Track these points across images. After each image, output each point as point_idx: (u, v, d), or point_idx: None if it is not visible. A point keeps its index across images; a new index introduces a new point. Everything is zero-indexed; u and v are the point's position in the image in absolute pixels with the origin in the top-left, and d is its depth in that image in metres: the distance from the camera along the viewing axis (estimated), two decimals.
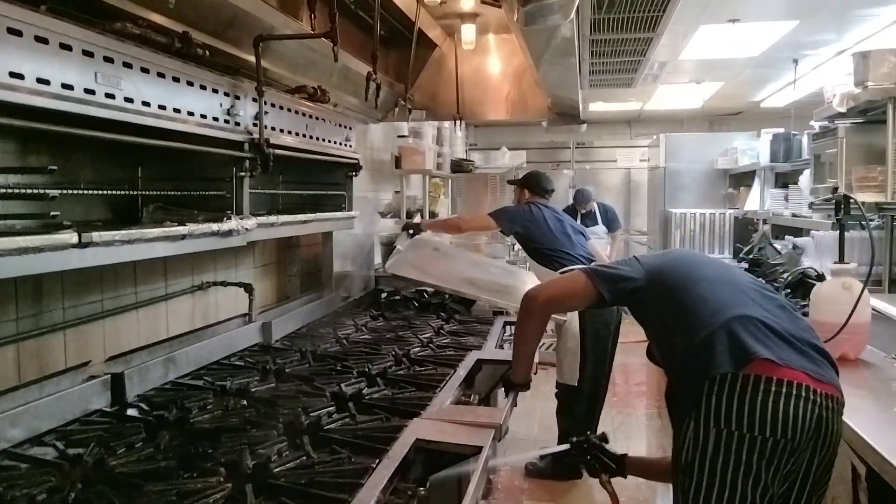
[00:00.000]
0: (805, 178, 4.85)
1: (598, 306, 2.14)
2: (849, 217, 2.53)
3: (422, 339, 2.98)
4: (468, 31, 4.26)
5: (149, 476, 1.51)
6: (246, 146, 2.35)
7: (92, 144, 2.01)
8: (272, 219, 2.60)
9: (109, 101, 1.69)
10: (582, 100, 4.81)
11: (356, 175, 3.52)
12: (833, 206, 2.62)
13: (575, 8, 1.77)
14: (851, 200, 2.53)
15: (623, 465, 2.17)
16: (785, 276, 3.61)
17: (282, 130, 2.64)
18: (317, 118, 2.99)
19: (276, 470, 1.54)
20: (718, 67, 6.66)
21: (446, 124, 6.02)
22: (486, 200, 8.36)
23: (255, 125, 2.40)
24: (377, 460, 1.60)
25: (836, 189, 3.57)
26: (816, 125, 4.32)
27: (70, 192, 1.90)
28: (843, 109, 3.58)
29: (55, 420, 1.80)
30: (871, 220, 3.12)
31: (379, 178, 5.30)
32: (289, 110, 2.73)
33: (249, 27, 2.48)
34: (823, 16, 4.79)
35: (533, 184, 4.51)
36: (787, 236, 5.06)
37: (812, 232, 4.42)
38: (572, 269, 2.50)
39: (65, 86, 1.54)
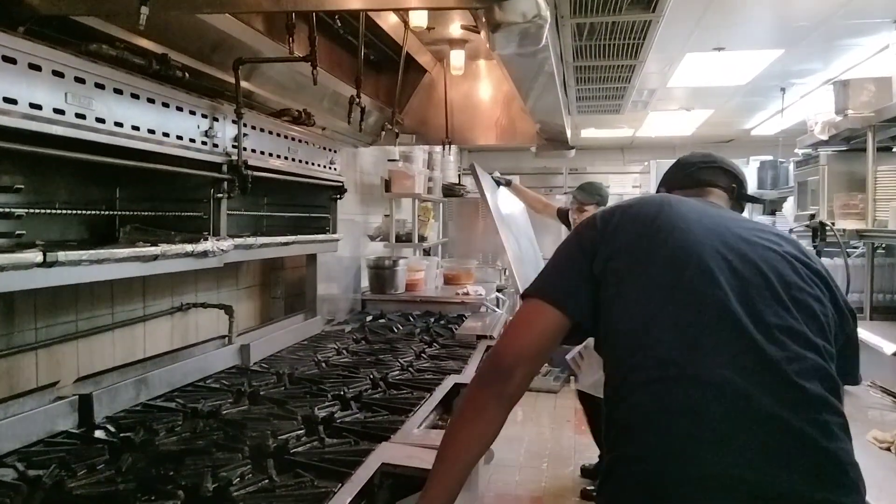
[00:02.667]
0: (789, 205, 4.87)
1: (569, 336, 1.45)
2: (825, 244, 2.54)
3: (402, 363, 2.96)
4: (457, 57, 4.29)
5: (106, 499, 1.49)
6: (224, 168, 2.36)
7: (67, 165, 2.01)
8: (250, 240, 2.60)
9: (80, 122, 1.69)
10: (571, 126, 4.84)
11: (341, 198, 3.53)
12: (811, 233, 2.63)
13: (545, 34, 1.78)
14: (828, 227, 2.54)
15: None
16: None
17: (262, 152, 2.65)
18: (300, 140, 3.00)
19: (236, 493, 1.53)
20: (707, 95, 6.72)
21: (437, 148, 6.05)
22: (478, 225, 8.38)
23: (234, 147, 2.41)
24: (340, 484, 1.58)
25: (813, 216, 3.59)
26: (800, 153, 4.36)
27: (42, 211, 1.90)
28: (825, 137, 3.61)
29: (18, 441, 1.78)
30: (855, 247, 3.13)
31: (369, 202, 5.32)
32: (270, 133, 2.74)
33: (234, 51, 2.50)
34: (808, 45, 4.84)
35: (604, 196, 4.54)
36: None
37: None
38: None
39: (33, 105, 1.55)
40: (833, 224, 3.01)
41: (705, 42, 4.71)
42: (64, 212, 2.00)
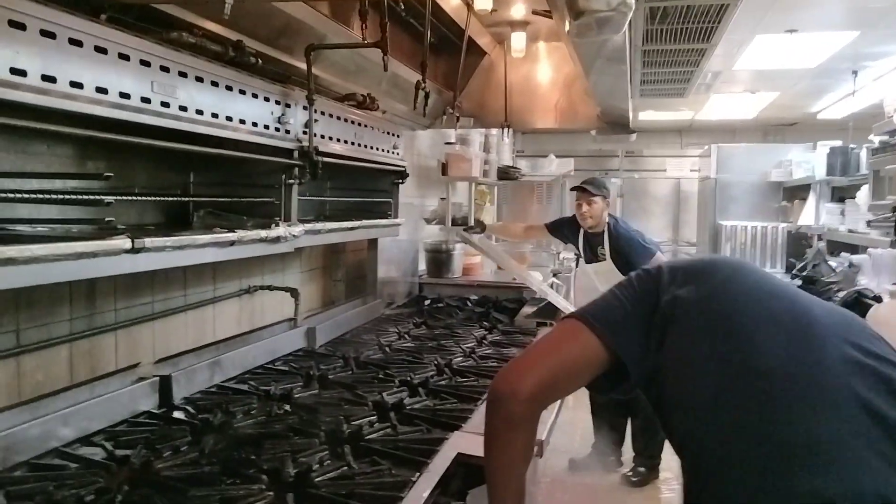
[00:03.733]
0: (863, 194, 4.70)
1: (606, 386, 1.33)
2: None
3: (464, 349, 2.97)
4: (518, 39, 4.24)
5: (193, 480, 1.53)
6: (295, 154, 2.38)
7: (147, 151, 2.06)
8: (319, 226, 2.62)
9: (164, 110, 1.72)
10: (632, 109, 4.75)
11: (402, 182, 3.53)
12: (893, 224, 2.53)
13: (628, 21, 1.74)
14: None
15: None
16: (840, 294, 3.50)
17: (331, 138, 2.67)
18: (365, 126, 3.01)
19: (318, 479, 1.55)
20: (774, 77, 6.51)
21: (494, 131, 6.01)
22: (531, 208, 8.32)
23: (304, 133, 2.42)
24: (417, 473, 1.60)
25: (895, 208, 3.45)
26: (876, 140, 4.19)
27: (127, 198, 1.95)
28: None
29: (105, 421, 1.84)
30: None
31: (425, 185, 5.31)
32: (338, 118, 2.75)
33: (301, 35, 2.51)
34: (885, 27, 4.64)
35: (609, 189, 4.42)
36: (842, 253, 4.92)
37: (869, 249, 4.28)
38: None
39: (122, 94, 1.58)
40: None
41: (777, 24, 4.56)
42: (146, 198, 2.04)
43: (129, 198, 1.97)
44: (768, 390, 1.14)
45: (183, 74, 1.80)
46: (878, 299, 3.03)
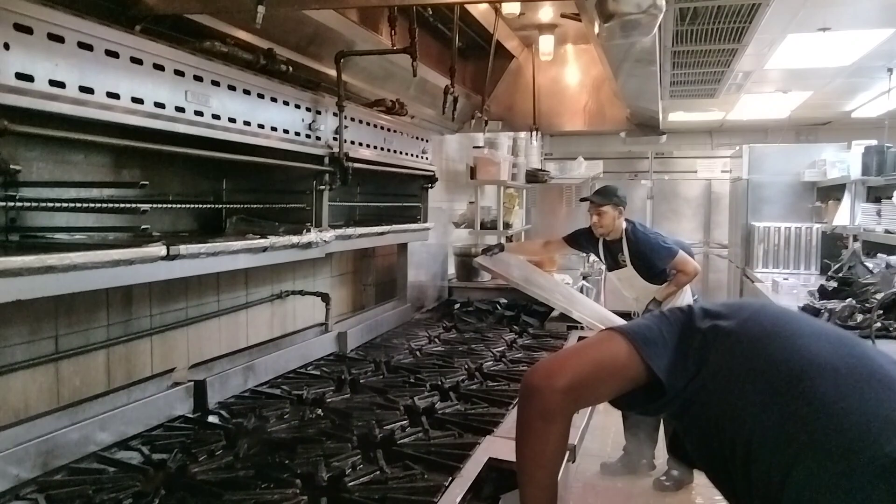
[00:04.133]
0: None
1: (638, 402, 1.34)
2: None
3: (494, 353, 2.97)
4: (546, 42, 4.23)
5: (228, 485, 1.55)
6: (326, 160, 2.40)
7: (180, 159, 2.09)
8: (350, 231, 2.64)
9: (198, 119, 1.75)
10: (662, 110, 4.71)
11: (432, 187, 3.54)
12: None
13: (658, 23, 1.73)
14: None
15: None
16: (877, 296, 3.43)
17: (360, 144, 2.68)
18: (394, 131, 3.02)
19: (351, 484, 1.56)
20: (806, 77, 6.42)
21: (522, 135, 6.00)
22: (560, 211, 8.29)
23: (335, 139, 2.44)
24: (450, 478, 1.60)
25: None
26: None
27: (159, 205, 1.98)
28: None
29: (141, 425, 1.87)
30: None
31: (453, 189, 5.32)
32: (367, 124, 2.76)
33: (331, 42, 2.54)
34: None
35: (624, 198, 4.39)
36: (879, 254, 4.83)
37: None
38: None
39: (157, 104, 1.61)
40: None
41: (810, 22, 4.50)
42: (180, 206, 2.07)
43: (164, 205, 1.99)
44: (818, 378, 1.17)
45: (216, 83, 1.82)
46: None
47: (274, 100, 2.11)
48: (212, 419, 2.03)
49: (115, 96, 1.49)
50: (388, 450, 1.78)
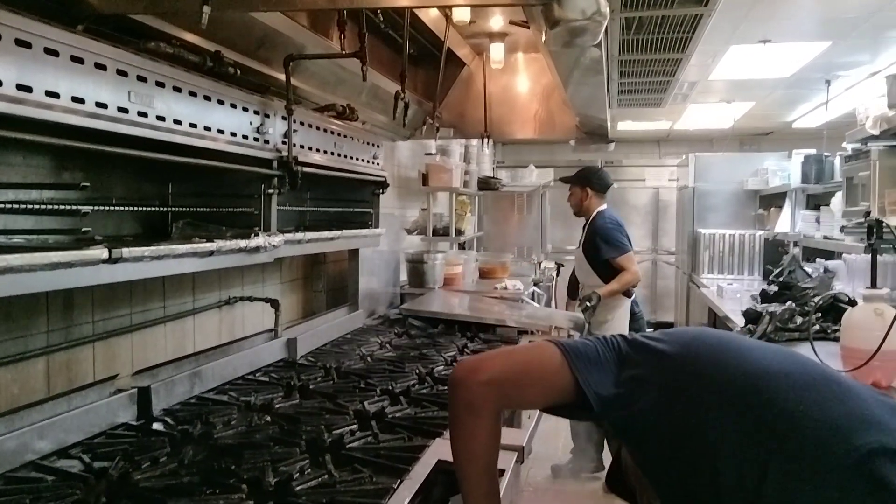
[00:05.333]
0: (837, 201, 4.78)
1: (571, 414, 1.39)
2: (881, 241, 2.49)
3: (446, 358, 2.97)
4: (497, 50, 4.27)
5: (172, 491, 1.52)
6: (274, 164, 2.39)
7: (124, 161, 2.05)
8: (299, 235, 2.62)
9: (142, 120, 1.72)
10: (610, 119, 4.80)
11: (383, 192, 3.54)
12: (865, 230, 2.58)
13: (603, 30, 1.76)
14: (884, 225, 2.48)
15: None
16: (815, 300, 3.55)
17: (310, 148, 2.67)
18: (345, 136, 3.01)
19: (298, 488, 1.54)
20: (749, 87, 6.62)
21: (474, 142, 6.04)
22: (512, 219, 8.36)
23: (284, 143, 2.43)
24: (399, 480, 1.59)
25: (868, 213, 3.51)
26: (849, 147, 4.27)
27: (102, 208, 1.94)
28: (875, 132, 3.53)
29: (82, 433, 1.82)
30: None
31: (406, 195, 5.32)
32: (317, 128, 2.75)
33: (280, 46, 2.52)
34: (856, 37, 4.74)
35: (596, 180, 4.52)
36: (818, 259, 4.99)
37: (844, 255, 4.34)
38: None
39: (99, 104, 1.58)
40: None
41: (751, 34, 4.64)
42: (124, 208, 2.04)
43: (107, 208, 1.96)
44: (775, 385, 1.20)
45: (160, 84, 1.80)
46: (853, 303, 3.08)
47: (221, 102, 2.09)
48: (156, 426, 1.99)
49: (55, 95, 1.46)
50: (336, 454, 1.76)
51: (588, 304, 4.32)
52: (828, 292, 3.76)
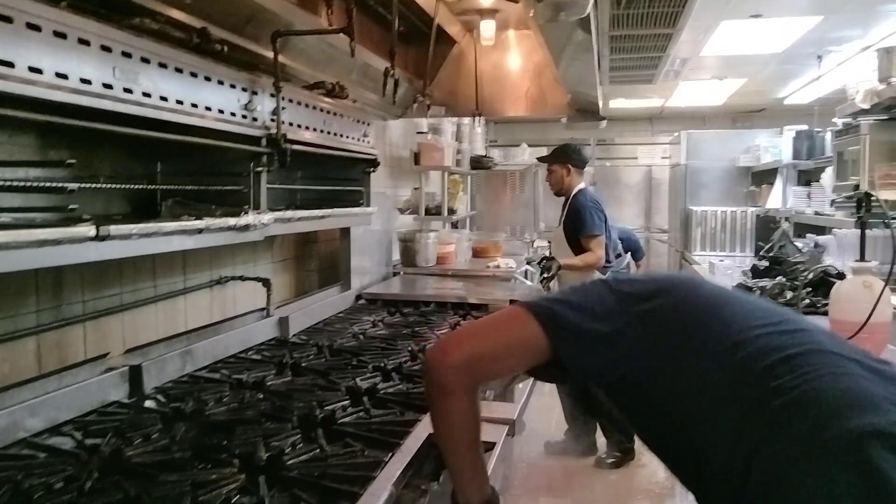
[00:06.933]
0: (828, 176, 4.80)
1: (545, 375, 1.41)
2: (870, 215, 2.50)
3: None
4: (487, 27, 4.24)
5: (164, 466, 1.52)
6: (263, 141, 2.37)
7: (112, 139, 2.04)
8: (289, 214, 2.62)
9: (127, 96, 1.71)
10: (602, 96, 4.78)
11: (374, 171, 3.53)
12: (855, 204, 2.59)
13: (591, 2, 1.75)
14: (873, 198, 2.49)
15: None
16: (805, 274, 3.57)
17: (299, 126, 2.66)
18: (335, 114, 3.00)
19: (290, 462, 1.55)
20: (741, 63, 6.60)
21: (466, 121, 6.02)
22: (505, 198, 8.34)
23: (272, 121, 2.41)
24: (390, 454, 1.60)
25: (857, 186, 3.52)
26: (840, 122, 4.27)
27: (89, 185, 1.92)
28: (866, 106, 3.53)
29: (74, 411, 1.82)
30: (893, 218, 3.07)
31: (398, 175, 5.31)
32: (306, 106, 2.74)
33: (268, 23, 2.49)
34: (848, 11, 4.72)
35: (576, 157, 4.50)
36: (808, 235, 5.01)
37: (834, 230, 4.36)
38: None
39: (83, 80, 1.56)
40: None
41: (743, 9, 4.62)
42: (112, 186, 2.02)
43: (94, 185, 1.94)
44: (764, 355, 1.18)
45: (145, 60, 1.78)
46: (843, 276, 3.10)
47: (208, 79, 2.07)
48: (148, 404, 1.99)
49: (38, 71, 1.44)
50: (328, 429, 1.77)
51: (546, 273, 4.30)
52: (818, 266, 3.78)
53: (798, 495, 1.06)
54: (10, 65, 1.38)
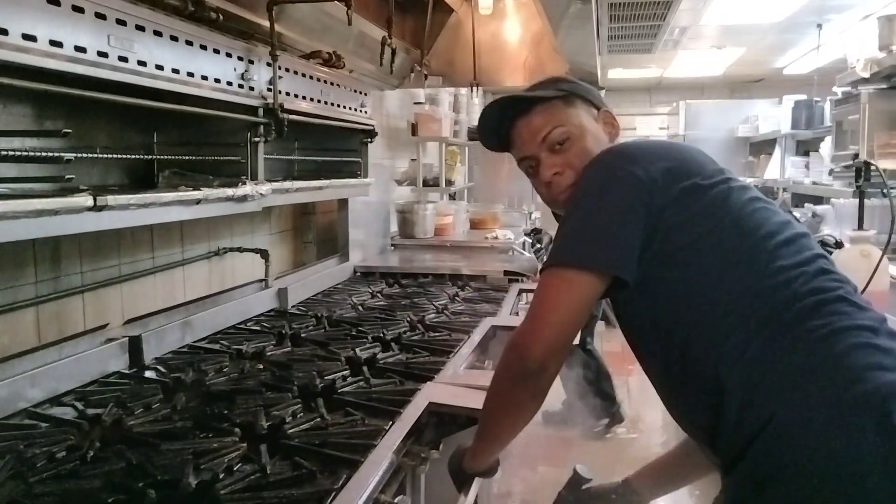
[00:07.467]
0: (826, 146, 4.78)
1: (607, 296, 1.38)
2: (869, 184, 2.50)
3: (437, 306, 2.99)
4: None
5: (165, 436, 1.53)
6: (260, 111, 2.35)
7: (107, 109, 2.02)
8: (287, 184, 2.61)
9: (123, 65, 1.68)
10: (601, 66, 4.75)
11: (371, 141, 3.51)
12: (854, 173, 2.58)
13: None
14: (872, 167, 2.49)
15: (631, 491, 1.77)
16: None
17: (296, 95, 2.64)
18: (332, 83, 2.97)
19: (290, 431, 1.56)
20: (740, 33, 6.54)
21: (463, 91, 5.96)
22: (503, 169, 8.30)
23: (269, 90, 2.39)
24: (390, 422, 1.61)
25: (856, 155, 3.51)
26: (839, 91, 4.25)
27: (86, 156, 1.91)
28: (866, 75, 3.50)
29: (74, 381, 1.83)
30: (892, 187, 3.06)
31: (395, 146, 5.28)
32: (303, 75, 2.71)
33: None
34: None
35: None
36: (806, 204, 5.01)
37: (832, 199, 4.36)
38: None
39: (78, 48, 1.54)
40: None
41: None
42: (108, 156, 2.01)
43: (91, 155, 1.93)
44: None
45: (140, 28, 1.76)
46: (840, 245, 3.10)
47: (204, 48, 2.05)
48: (148, 374, 2.00)
49: (32, 38, 1.42)
50: (328, 398, 1.78)
51: (539, 245, 4.29)
52: (816, 235, 3.78)
53: (828, 448, 1.07)
54: (4, 32, 1.36)
